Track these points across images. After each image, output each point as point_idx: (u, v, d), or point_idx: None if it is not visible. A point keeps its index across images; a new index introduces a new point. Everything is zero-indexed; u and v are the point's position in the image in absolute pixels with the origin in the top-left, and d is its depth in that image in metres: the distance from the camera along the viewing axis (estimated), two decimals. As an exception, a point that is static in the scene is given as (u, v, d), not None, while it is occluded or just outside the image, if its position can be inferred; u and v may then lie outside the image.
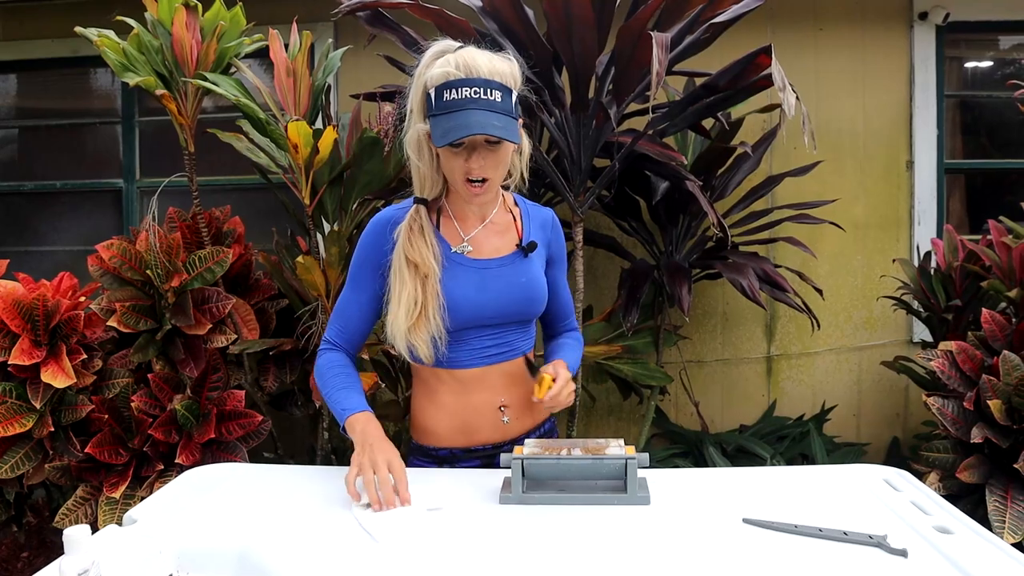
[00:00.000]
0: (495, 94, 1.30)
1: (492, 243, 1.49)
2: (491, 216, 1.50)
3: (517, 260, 1.48)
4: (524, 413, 1.53)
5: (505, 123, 1.30)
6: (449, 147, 1.32)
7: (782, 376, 3.30)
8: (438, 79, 1.31)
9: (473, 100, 1.29)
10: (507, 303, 1.46)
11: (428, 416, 1.54)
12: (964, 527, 1.10)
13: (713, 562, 1.03)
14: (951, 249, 2.77)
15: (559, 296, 1.60)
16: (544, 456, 1.26)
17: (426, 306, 1.40)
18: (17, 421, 2.21)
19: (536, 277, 1.49)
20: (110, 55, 2.24)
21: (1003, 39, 3.40)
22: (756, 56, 2.11)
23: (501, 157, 1.36)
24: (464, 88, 1.29)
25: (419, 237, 1.42)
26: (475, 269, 1.45)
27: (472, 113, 1.28)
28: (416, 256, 1.40)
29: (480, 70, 1.30)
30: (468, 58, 1.31)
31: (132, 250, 2.34)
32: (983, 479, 2.14)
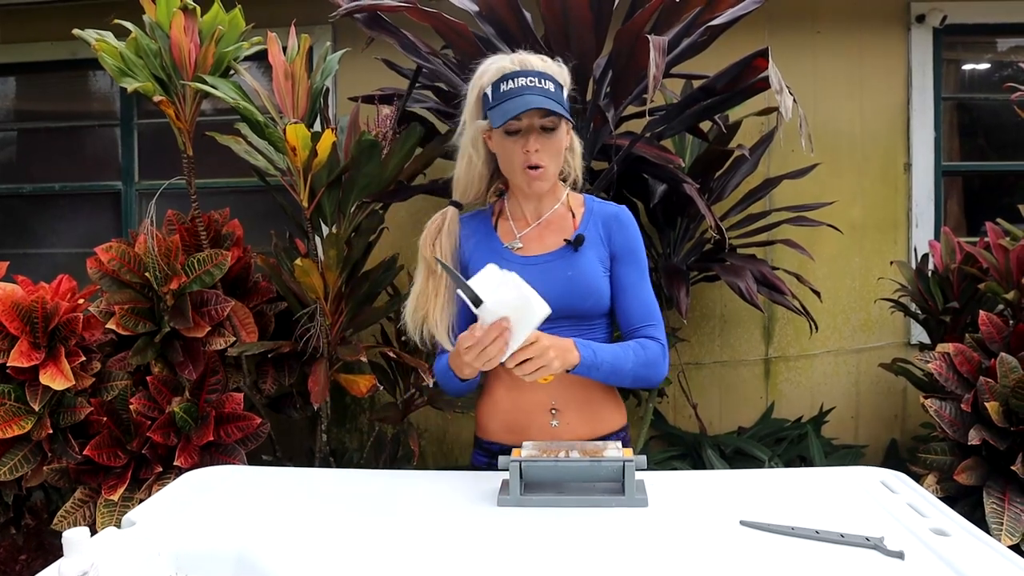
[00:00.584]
0: (549, 84, 1.39)
1: (545, 240, 1.51)
2: (547, 215, 1.53)
3: (566, 255, 1.48)
4: (578, 420, 1.50)
5: (560, 108, 1.38)
6: (507, 136, 1.41)
7: (780, 378, 3.30)
8: (495, 75, 1.41)
9: (529, 88, 1.37)
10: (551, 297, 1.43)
11: (483, 410, 1.58)
12: (961, 529, 1.11)
13: (710, 564, 1.03)
14: (948, 251, 2.77)
15: (627, 295, 1.51)
16: (542, 459, 1.26)
17: (432, 303, 1.47)
18: (16, 423, 2.21)
19: (585, 271, 1.47)
20: (108, 60, 2.24)
21: (1000, 42, 3.41)
22: (753, 59, 2.12)
23: (556, 145, 1.42)
24: (520, 78, 1.38)
25: (434, 237, 1.52)
26: (521, 265, 1.47)
27: (529, 96, 1.37)
28: (427, 253, 1.51)
29: (534, 65, 1.41)
30: (522, 56, 1.43)
31: (131, 253, 2.34)
32: (981, 481, 2.15)
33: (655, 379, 1.48)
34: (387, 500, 1.30)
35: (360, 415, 3.36)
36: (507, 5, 2.15)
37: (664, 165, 2.36)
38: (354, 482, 1.42)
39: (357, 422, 3.37)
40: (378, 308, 2.65)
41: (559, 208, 1.54)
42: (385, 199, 2.53)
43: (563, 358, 1.34)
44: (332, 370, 2.42)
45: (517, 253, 1.51)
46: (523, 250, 1.51)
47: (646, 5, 2.01)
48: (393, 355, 2.52)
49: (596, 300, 1.48)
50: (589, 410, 1.50)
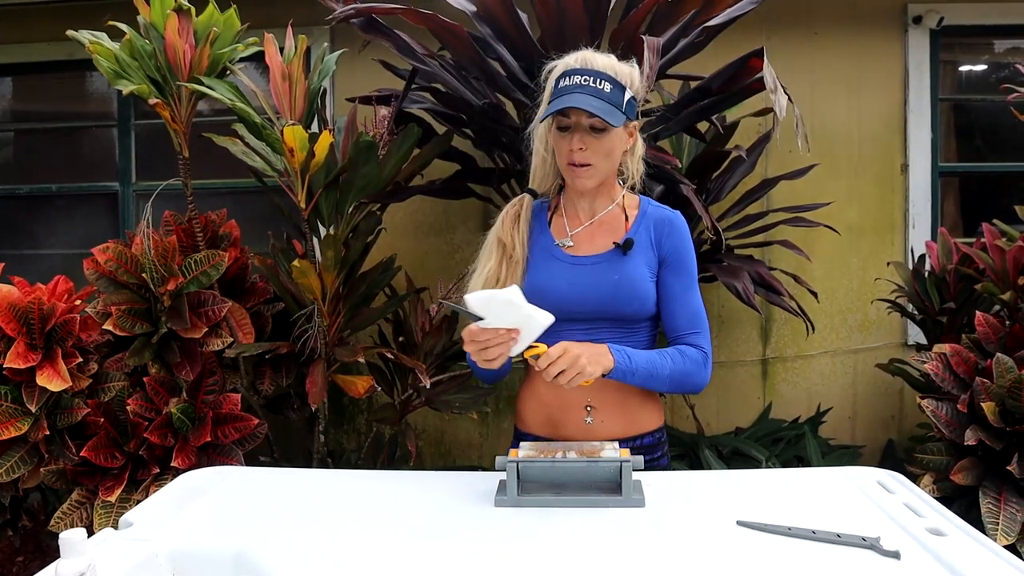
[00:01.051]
0: (605, 85, 1.38)
1: (596, 240, 1.51)
2: (600, 215, 1.53)
3: (614, 258, 1.48)
4: (613, 419, 1.50)
5: (607, 109, 1.37)
6: (557, 130, 1.43)
7: (777, 379, 3.31)
8: (559, 70, 1.43)
9: (581, 86, 1.38)
10: (595, 299, 1.47)
11: (523, 401, 1.62)
12: (957, 529, 1.11)
13: (707, 565, 1.03)
14: (945, 252, 2.78)
15: (674, 303, 1.50)
16: (539, 459, 1.26)
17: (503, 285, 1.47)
18: (12, 425, 2.20)
19: (632, 276, 1.47)
20: (103, 62, 2.23)
21: (997, 43, 3.42)
22: (748, 59, 2.12)
23: (605, 145, 1.42)
24: (575, 76, 1.39)
25: (512, 220, 1.53)
26: (569, 264, 1.49)
27: (576, 95, 1.37)
28: (506, 237, 1.52)
29: (596, 64, 1.41)
30: (588, 55, 1.43)
31: (128, 253, 2.34)
32: (977, 481, 2.15)
33: (695, 387, 1.48)
34: (385, 501, 1.30)
35: (358, 416, 3.36)
36: (503, 6, 2.16)
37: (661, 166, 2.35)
38: (352, 483, 1.42)
39: (355, 423, 3.37)
40: (376, 309, 2.65)
41: (613, 209, 1.54)
42: (382, 200, 2.53)
43: (596, 362, 1.34)
44: (330, 371, 2.42)
45: (567, 251, 1.52)
46: (573, 249, 1.52)
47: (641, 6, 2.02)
48: (391, 356, 2.52)
49: (640, 305, 1.48)
50: (625, 410, 1.50)
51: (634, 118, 1.46)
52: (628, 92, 1.42)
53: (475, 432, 3.32)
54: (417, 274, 2.89)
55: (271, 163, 2.32)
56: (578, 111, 1.38)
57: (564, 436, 1.52)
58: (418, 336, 2.61)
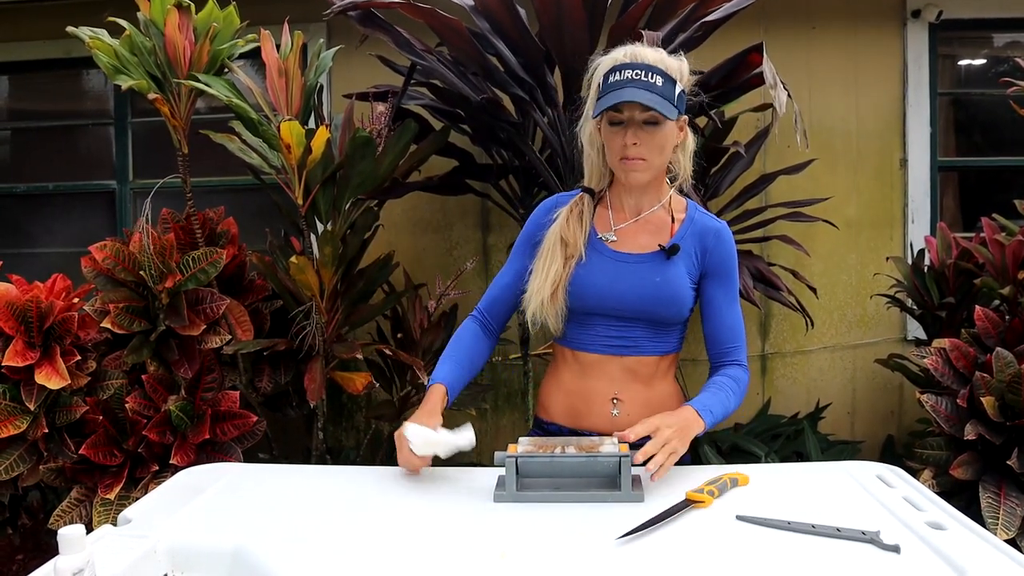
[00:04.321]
0: (656, 78, 1.36)
1: (639, 239, 1.50)
2: (647, 212, 1.51)
3: (658, 259, 1.47)
4: (639, 412, 1.47)
5: (661, 102, 1.35)
6: (609, 126, 1.41)
7: (776, 374, 3.30)
8: (607, 66, 1.41)
9: (633, 81, 1.35)
10: (635, 299, 1.46)
11: (547, 391, 1.60)
12: (957, 523, 1.11)
13: (707, 559, 1.03)
14: (944, 247, 2.78)
15: (716, 316, 1.52)
16: (538, 454, 1.26)
17: (560, 284, 1.47)
18: (11, 423, 2.20)
19: (673, 280, 1.46)
20: (102, 58, 2.23)
21: (996, 37, 3.42)
22: (747, 54, 2.12)
23: (659, 140, 1.40)
24: (627, 70, 1.37)
25: (576, 220, 1.50)
26: (612, 260, 1.48)
27: (627, 89, 1.35)
28: (570, 236, 1.49)
29: (646, 58, 1.39)
30: (637, 49, 1.41)
31: (125, 251, 2.33)
32: (976, 476, 2.15)
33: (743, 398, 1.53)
34: (384, 497, 1.30)
35: (356, 413, 3.36)
36: (501, 2, 2.15)
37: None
38: (350, 479, 1.42)
39: (353, 420, 3.37)
40: (374, 305, 2.64)
41: (659, 209, 1.51)
42: (380, 196, 2.52)
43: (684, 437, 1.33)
44: (328, 368, 2.42)
45: (610, 246, 1.50)
46: (616, 244, 1.50)
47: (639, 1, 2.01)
48: (389, 353, 2.52)
49: (678, 310, 1.48)
50: (651, 407, 1.48)
51: (682, 111, 1.44)
52: (679, 86, 1.40)
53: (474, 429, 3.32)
54: (415, 270, 2.88)
55: (268, 160, 2.32)
56: (632, 105, 1.36)
57: (588, 427, 1.52)
58: (416, 333, 2.61)
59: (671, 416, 1.35)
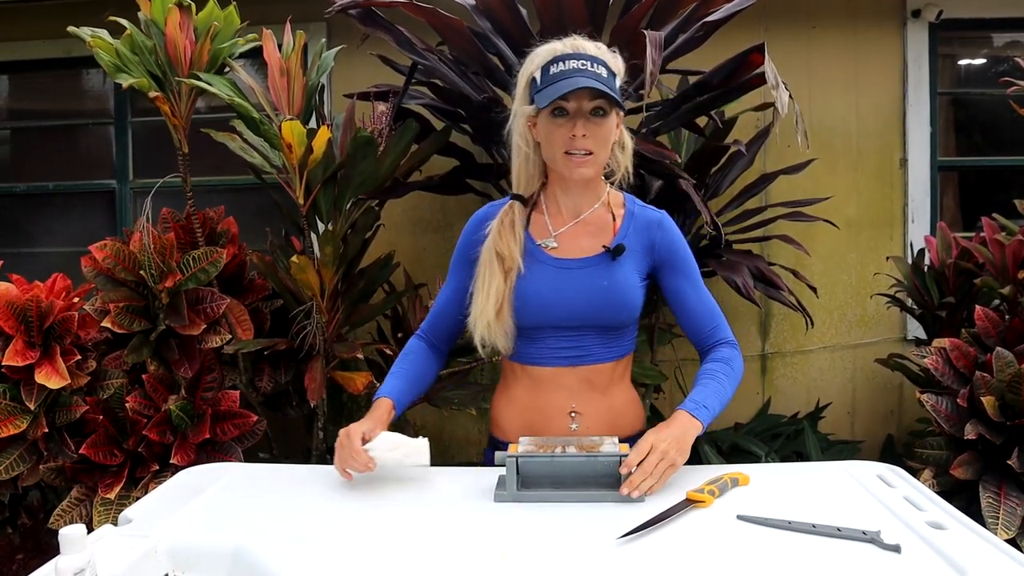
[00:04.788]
0: (600, 69, 1.32)
1: (580, 243, 1.44)
2: (586, 214, 1.45)
3: (603, 262, 1.41)
4: (597, 423, 1.45)
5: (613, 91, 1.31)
6: (553, 119, 1.34)
7: (776, 374, 3.30)
8: (545, 57, 1.35)
9: (580, 70, 1.30)
10: (583, 306, 1.40)
11: (500, 409, 1.55)
12: (957, 523, 1.11)
13: (707, 559, 1.03)
14: (944, 246, 2.78)
15: (687, 305, 1.46)
16: (539, 454, 1.26)
17: (505, 302, 1.41)
18: (11, 422, 2.20)
19: (621, 282, 1.41)
20: (103, 56, 2.23)
21: (996, 36, 3.42)
22: (749, 54, 2.12)
23: (605, 132, 1.35)
24: (571, 60, 1.32)
25: (509, 231, 1.43)
26: (554, 268, 1.42)
27: (578, 77, 1.30)
28: (504, 249, 1.42)
29: (587, 49, 1.34)
30: (577, 40, 1.36)
31: (126, 251, 2.33)
32: (977, 476, 2.15)
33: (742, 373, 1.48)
34: (383, 496, 1.30)
35: (357, 412, 3.35)
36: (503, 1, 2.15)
37: (660, 161, 2.35)
38: (351, 479, 1.41)
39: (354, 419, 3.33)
40: (374, 305, 2.64)
41: (598, 208, 1.46)
42: (381, 196, 2.52)
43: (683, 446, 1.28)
44: (328, 367, 2.42)
45: (551, 253, 1.44)
46: (557, 250, 1.44)
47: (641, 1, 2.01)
48: (390, 352, 2.52)
49: (629, 312, 1.43)
50: (610, 415, 1.46)
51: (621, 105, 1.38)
52: (619, 79, 1.36)
53: (474, 428, 3.32)
54: (415, 270, 2.88)
55: (269, 159, 2.32)
56: (579, 95, 1.31)
57: None
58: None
59: (664, 429, 1.29)
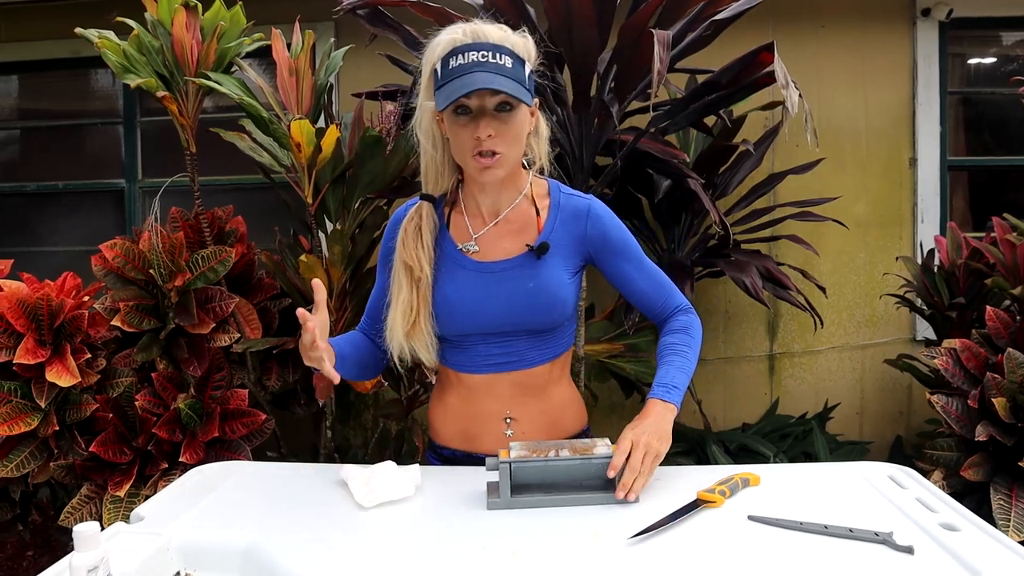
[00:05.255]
0: (505, 59, 1.21)
1: (503, 243, 1.35)
2: (506, 211, 1.36)
3: (528, 262, 1.33)
4: (534, 428, 1.40)
5: (515, 87, 1.20)
6: (455, 117, 1.24)
7: (785, 374, 3.30)
8: (445, 48, 1.23)
9: (480, 64, 1.20)
10: (509, 311, 1.33)
11: (436, 414, 1.48)
12: (970, 524, 1.10)
13: (719, 559, 1.03)
14: (954, 246, 2.77)
15: (634, 284, 1.38)
16: (532, 459, 1.20)
17: (420, 313, 1.33)
18: (22, 420, 2.21)
19: (549, 282, 1.32)
20: (111, 57, 2.24)
21: (1006, 35, 3.40)
22: (758, 53, 2.11)
23: (513, 130, 1.24)
24: (471, 52, 1.20)
25: (414, 239, 1.34)
26: (476, 273, 1.34)
27: (478, 74, 1.19)
28: (410, 258, 1.33)
29: (490, 36, 1.23)
30: (477, 27, 1.24)
31: (135, 250, 2.34)
32: (987, 477, 2.14)
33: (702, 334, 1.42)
34: (394, 496, 1.29)
35: (364, 411, 3.36)
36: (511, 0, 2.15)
37: (668, 160, 2.35)
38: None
39: (361, 418, 3.37)
40: (382, 305, 2.64)
41: (520, 203, 1.36)
42: (389, 195, 2.52)
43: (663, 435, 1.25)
44: (336, 367, 2.42)
45: (472, 257, 1.35)
46: (479, 254, 1.35)
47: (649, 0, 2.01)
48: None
49: (560, 312, 1.35)
50: (547, 418, 1.41)
51: (534, 94, 1.28)
52: (528, 66, 1.25)
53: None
54: (424, 270, 2.88)
55: (278, 158, 2.32)
56: (481, 92, 1.20)
57: (483, 449, 1.38)
58: (425, 332, 2.61)
59: (641, 422, 1.25)
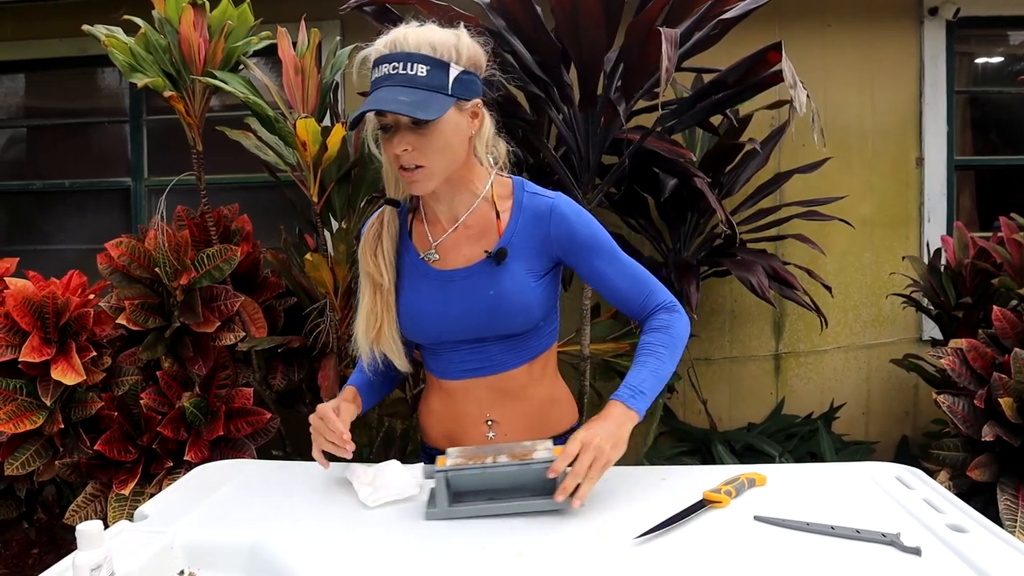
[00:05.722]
0: (418, 68, 1.16)
1: (463, 250, 1.31)
2: (464, 217, 1.31)
3: (486, 270, 1.29)
4: (516, 429, 1.37)
5: (423, 98, 1.15)
6: (382, 133, 1.22)
7: (790, 374, 3.29)
8: (372, 58, 1.21)
9: (389, 76, 1.16)
10: (472, 320, 1.30)
11: (423, 416, 1.49)
12: (978, 525, 1.09)
13: (724, 560, 1.02)
14: (961, 246, 2.75)
15: (611, 283, 1.31)
16: (468, 466, 1.15)
17: (384, 320, 1.32)
18: (28, 418, 2.21)
19: (511, 289, 1.28)
20: (118, 56, 2.24)
21: (1013, 35, 3.39)
22: (765, 52, 2.11)
23: (436, 141, 1.19)
24: (384, 65, 1.17)
25: (373, 245, 1.33)
26: (438, 281, 1.31)
27: (382, 90, 1.16)
28: (368, 266, 1.32)
29: (407, 44, 1.17)
30: (399, 34, 1.19)
31: (141, 248, 2.34)
32: (994, 477, 2.13)
33: (687, 334, 1.32)
34: (399, 495, 1.29)
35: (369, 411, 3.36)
36: None
37: (675, 159, 2.34)
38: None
39: (366, 418, 3.36)
40: (387, 303, 2.64)
41: (479, 206, 1.31)
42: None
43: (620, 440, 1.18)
44: (342, 365, 2.42)
45: (434, 266, 1.32)
46: (440, 262, 1.32)
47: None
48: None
49: (525, 317, 1.31)
50: (529, 419, 1.38)
51: (471, 96, 1.22)
52: (455, 68, 1.18)
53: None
54: (429, 269, 2.88)
55: (284, 157, 2.32)
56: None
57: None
58: (430, 331, 2.60)
59: (595, 424, 1.18)
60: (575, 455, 1.13)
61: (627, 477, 1.31)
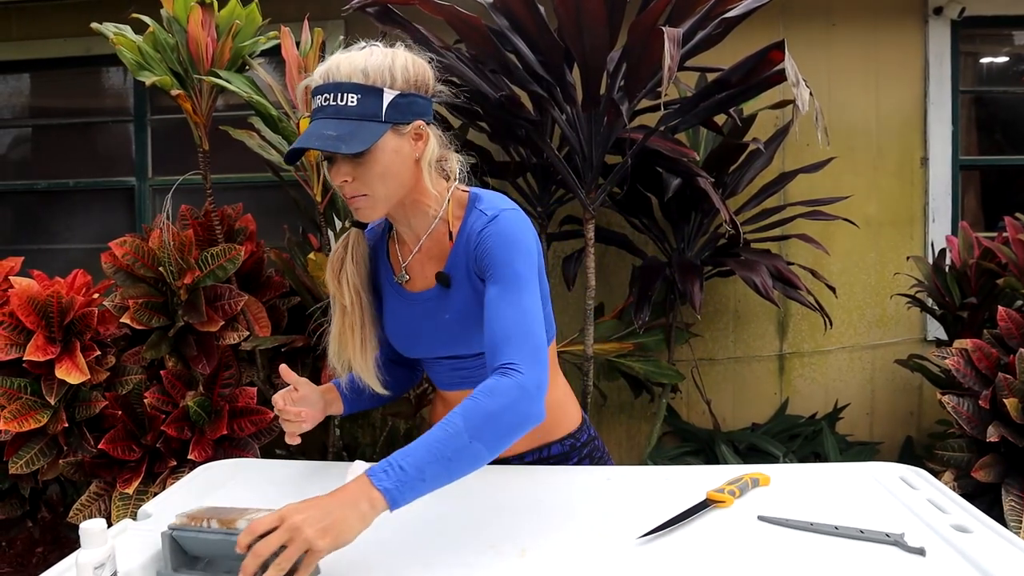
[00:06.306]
0: (348, 98, 1.13)
1: (426, 272, 1.30)
2: (424, 238, 1.29)
3: (441, 293, 1.27)
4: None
5: (350, 130, 1.11)
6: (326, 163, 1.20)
7: (794, 374, 3.28)
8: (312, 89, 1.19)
9: (322, 108, 1.14)
10: (438, 340, 1.30)
11: (432, 420, 1.51)
12: (982, 526, 1.09)
13: (728, 559, 1.02)
14: (966, 246, 2.75)
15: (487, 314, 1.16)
16: (187, 528, 1.01)
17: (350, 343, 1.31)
18: (32, 417, 2.22)
19: (464, 312, 1.25)
20: (126, 54, 2.24)
21: (1018, 34, 3.38)
22: (769, 51, 2.10)
23: (375, 169, 1.15)
24: (318, 96, 1.15)
25: (336, 268, 1.31)
26: (408, 303, 1.32)
27: (314, 123, 1.14)
28: (332, 289, 1.32)
29: (339, 74, 1.14)
30: (332, 63, 1.16)
31: (145, 247, 2.35)
32: (999, 478, 2.13)
33: (524, 420, 1.08)
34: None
35: (372, 410, 3.36)
36: None
37: (678, 159, 2.34)
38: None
39: (370, 417, 3.37)
40: (391, 303, 2.64)
41: (438, 226, 1.27)
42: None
43: (330, 524, 0.94)
44: (345, 365, 2.42)
45: (405, 287, 1.32)
46: (410, 283, 1.32)
47: (660, -3, 2.00)
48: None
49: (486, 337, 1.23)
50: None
51: (409, 119, 1.17)
52: (388, 93, 1.14)
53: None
54: (432, 268, 2.88)
55: (287, 157, 2.32)
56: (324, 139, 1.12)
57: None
58: (433, 330, 2.61)
59: (313, 503, 0.97)
60: (268, 528, 0.93)
61: (631, 477, 1.31)
